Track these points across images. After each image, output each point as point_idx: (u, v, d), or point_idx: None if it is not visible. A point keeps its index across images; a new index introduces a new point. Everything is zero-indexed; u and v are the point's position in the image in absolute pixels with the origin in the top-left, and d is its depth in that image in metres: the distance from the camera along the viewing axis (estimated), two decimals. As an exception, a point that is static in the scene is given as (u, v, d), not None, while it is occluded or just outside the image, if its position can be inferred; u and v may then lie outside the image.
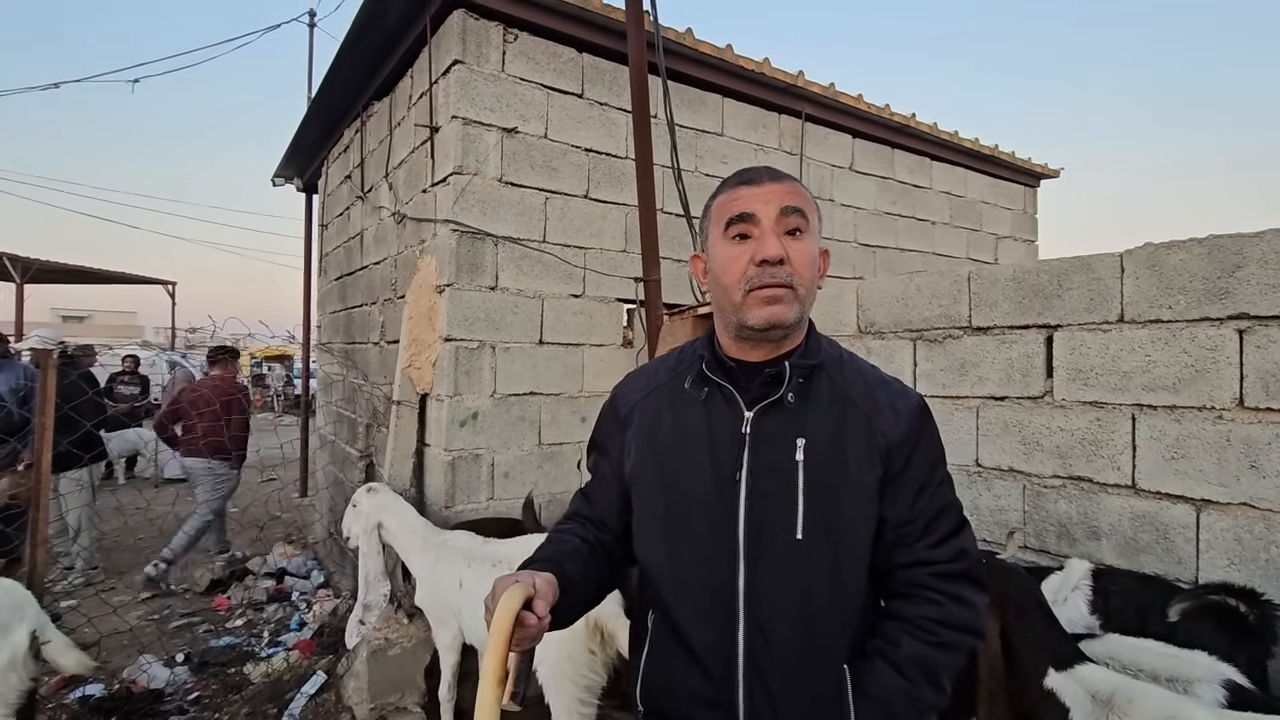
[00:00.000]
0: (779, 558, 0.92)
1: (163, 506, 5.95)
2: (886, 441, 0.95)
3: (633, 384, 1.10)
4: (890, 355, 2.71)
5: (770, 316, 0.92)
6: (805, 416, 0.96)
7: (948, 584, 0.95)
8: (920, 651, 0.92)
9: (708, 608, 0.94)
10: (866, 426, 0.96)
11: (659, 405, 1.03)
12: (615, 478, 1.06)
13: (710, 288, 1.01)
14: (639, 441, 1.02)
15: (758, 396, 0.96)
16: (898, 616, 0.96)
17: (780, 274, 0.91)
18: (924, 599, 0.95)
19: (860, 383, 1.00)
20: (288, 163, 6.12)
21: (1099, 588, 1.84)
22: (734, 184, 0.98)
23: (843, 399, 0.98)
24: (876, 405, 0.98)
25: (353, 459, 4.30)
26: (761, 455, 0.94)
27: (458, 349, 3.08)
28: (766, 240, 0.92)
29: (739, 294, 0.93)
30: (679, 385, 1.03)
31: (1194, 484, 1.90)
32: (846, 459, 0.94)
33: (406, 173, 3.68)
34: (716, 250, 0.97)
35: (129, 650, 3.46)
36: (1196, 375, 1.90)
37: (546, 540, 1.06)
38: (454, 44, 3.09)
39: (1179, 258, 1.94)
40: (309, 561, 4.96)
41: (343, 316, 5.12)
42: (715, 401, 0.98)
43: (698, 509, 0.95)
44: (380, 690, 2.75)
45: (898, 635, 0.94)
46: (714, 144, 3.96)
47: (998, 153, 5.54)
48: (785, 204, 0.93)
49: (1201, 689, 1.43)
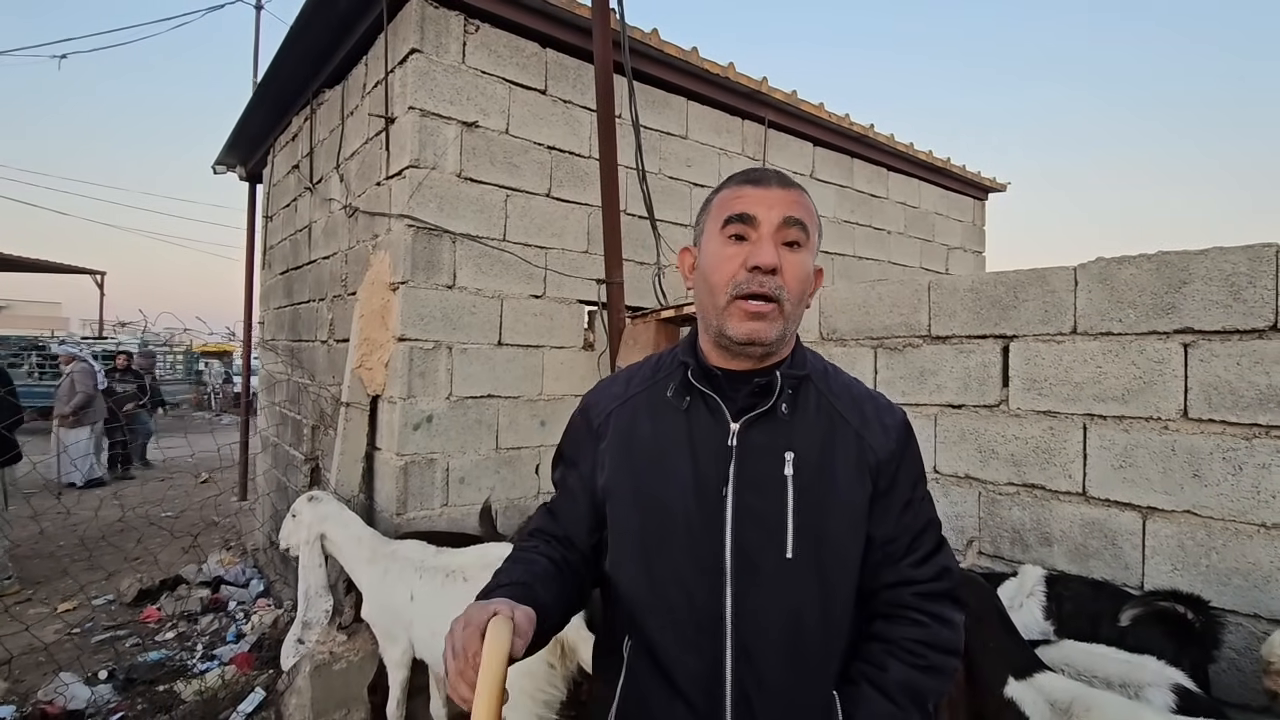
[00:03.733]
0: (768, 579, 0.87)
1: (85, 512, 5.59)
2: (876, 458, 0.93)
3: (606, 392, 1.03)
4: (852, 362, 2.73)
5: (751, 333, 0.88)
6: (793, 429, 0.91)
7: (931, 604, 0.93)
8: (908, 676, 0.89)
9: (692, 635, 0.87)
10: (856, 442, 0.93)
11: (636, 414, 0.97)
12: (586, 492, 0.99)
13: (695, 285, 0.96)
14: (614, 453, 0.95)
15: (744, 407, 0.91)
16: (883, 638, 0.92)
17: (770, 284, 0.87)
18: (909, 620, 0.93)
19: (847, 396, 0.97)
20: (230, 150, 5.83)
21: (1052, 594, 1.88)
22: (740, 181, 0.93)
23: (830, 412, 0.94)
24: (865, 420, 0.95)
25: (297, 462, 4.10)
26: (748, 469, 0.89)
27: (412, 349, 2.97)
28: (763, 246, 0.87)
29: (724, 297, 0.88)
30: (658, 393, 0.97)
31: (1141, 492, 1.96)
32: (835, 474, 0.91)
33: (359, 164, 3.53)
34: (710, 247, 0.92)
35: (45, 669, 3.21)
36: (1144, 387, 1.97)
37: (512, 560, 0.97)
38: (412, 32, 2.97)
39: (1129, 272, 2.01)
40: (248, 569, 4.72)
41: (288, 312, 4.89)
42: (698, 411, 0.93)
43: (679, 526, 0.89)
44: (324, 707, 2.62)
45: (884, 659, 0.90)
46: (678, 146, 3.94)
47: (950, 165, 5.70)
48: (789, 214, 0.89)
49: (1152, 693, 1.47)
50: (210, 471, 7.74)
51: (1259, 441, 1.76)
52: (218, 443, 5.83)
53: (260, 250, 6.04)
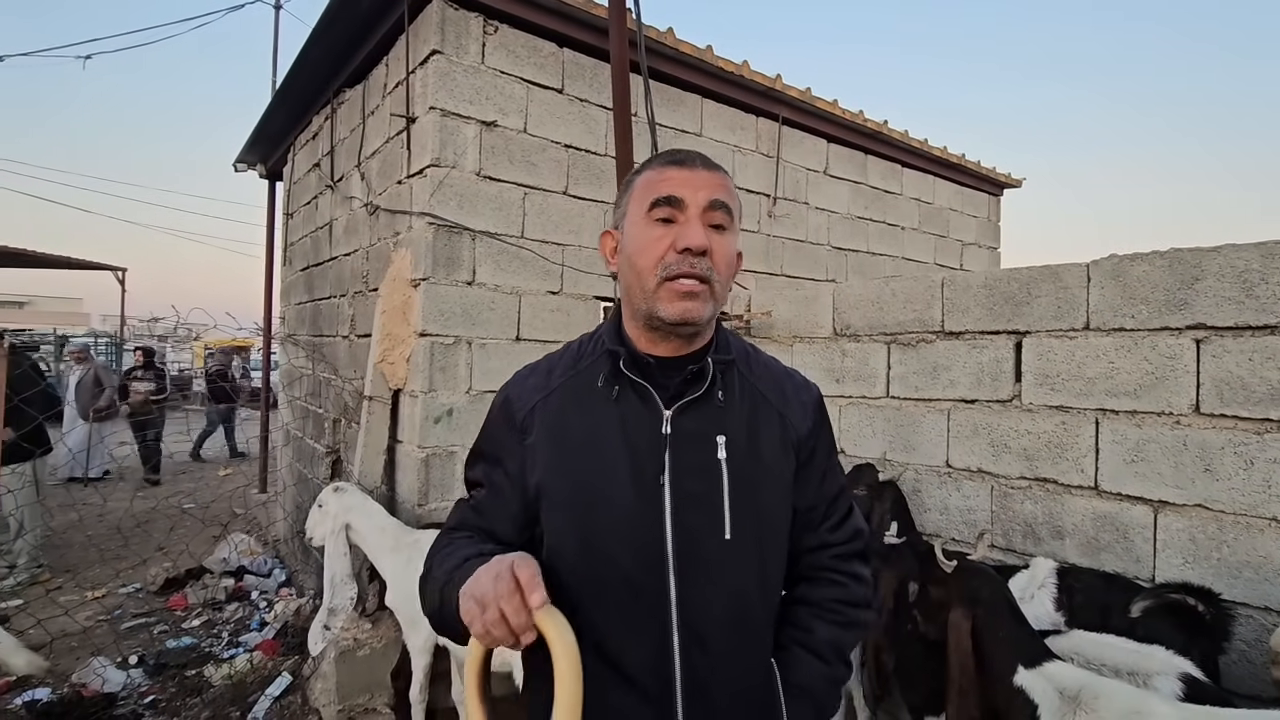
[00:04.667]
0: (709, 561, 0.88)
1: (118, 503, 5.73)
2: (798, 434, 0.97)
3: (526, 384, 0.98)
4: (865, 358, 2.76)
5: (684, 312, 0.86)
6: (723, 413, 0.92)
7: (847, 564, 1.01)
8: (833, 634, 0.96)
9: (638, 623, 0.86)
10: (779, 421, 0.96)
11: (563, 407, 0.93)
12: (516, 491, 0.93)
13: (620, 269, 0.94)
14: (545, 449, 0.91)
15: (676, 394, 0.91)
16: (806, 601, 0.99)
17: (701, 265, 0.86)
18: (828, 580, 1.00)
19: (768, 376, 1.00)
20: (251, 148, 5.92)
21: (1064, 585, 1.91)
22: (664, 162, 0.91)
23: (754, 394, 0.96)
24: (786, 399, 0.98)
25: (319, 455, 4.19)
26: (684, 456, 0.89)
27: (433, 344, 3.03)
28: (692, 228, 0.86)
29: (653, 280, 0.87)
30: (585, 383, 0.94)
31: (1152, 486, 1.99)
32: (763, 453, 0.93)
33: (380, 163, 3.60)
34: (635, 230, 0.90)
35: (79, 652, 3.32)
36: (1156, 382, 1.99)
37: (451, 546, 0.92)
38: (433, 33, 3.03)
39: (1142, 269, 2.03)
40: (270, 559, 4.83)
41: (309, 308, 4.98)
42: (629, 400, 0.91)
43: (620, 518, 0.87)
44: (349, 692, 2.70)
45: (810, 621, 0.97)
46: (692, 144, 3.97)
47: (964, 161, 5.69)
48: (715, 196, 0.88)
49: (1160, 682, 1.50)
50: (227, 464, 7.89)
51: (1270, 436, 1.78)
52: (248, 434, 5.93)
53: (281, 247, 6.14)
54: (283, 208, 6.04)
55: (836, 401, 2.87)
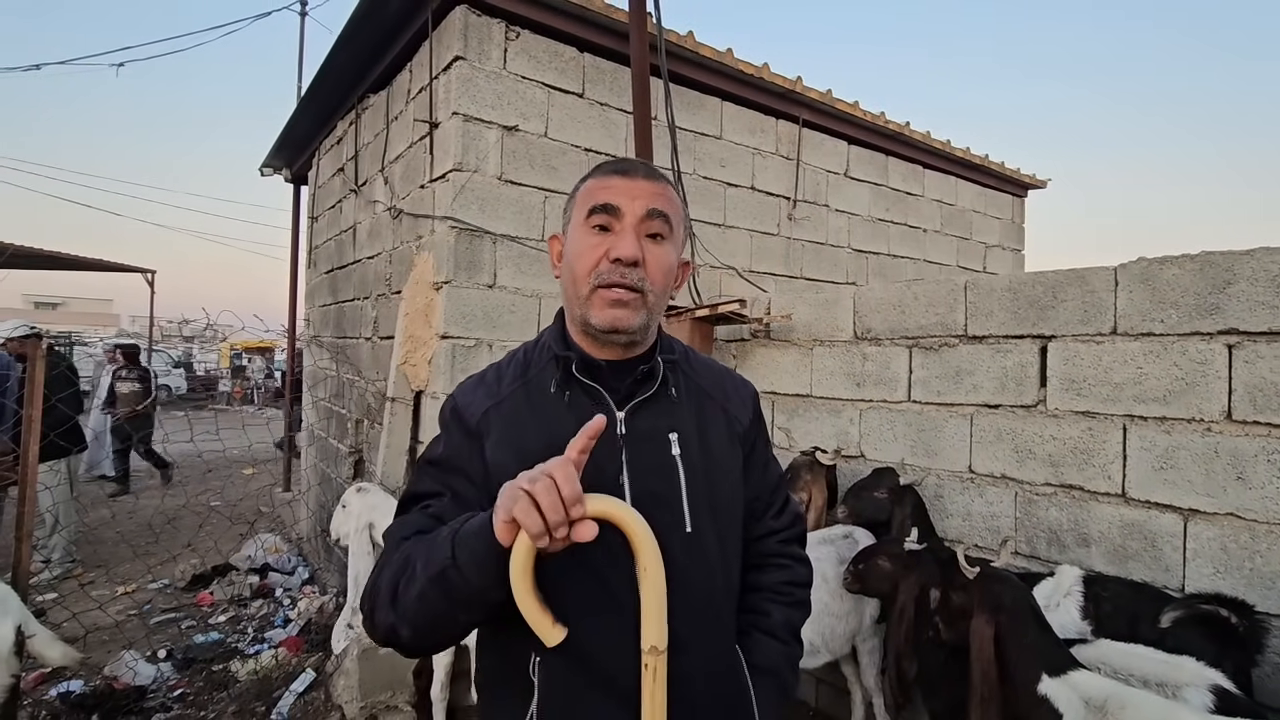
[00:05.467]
0: (674, 556, 0.86)
1: (149, 500, 5.86)
2: (742, 427, 1.02)
3: (474, 392, 0.97)
4: (886, 361, 2.74)
5: (614, 320, 0.88)
6: (673, 412, 0.96)
7: (790, 548, 1.08)
8: (786, 615, 1.03)
9: (612, 626, 0.85)
10: (724, 415, 1.01)
11: (516, 412, 0.93)
12: (482, 496, 0.89)
13: (561, 274, 0.96)
14: (503, 455, 0.89)
15: (627, 395, 0.93)
16: (758, 588, 1.04)
17: (632, 276, 0.87)
18: (775, 565, 1.06)
19: (709, 374, 1.05)
20: (277, 153, 6.04)
21: (1090, 594, 1.88)
22: (607, 172, 0.93)
23: (698, 391, 1.01)
24: (727, 395, 1.04)
25: (342, 455, 4.26)
26: (640, 455, 0.91)
27: (454, 347, 3.07)
28: (625, 238, 0.88)
29: (586, 287, 0.89)
30: (537, 389, 0.94)
31: (1182, 494, 1.95)
32: (713, 448, 0.97)
33: (403, 167, 3.65)
34: (574, 236, 0.92)
35: (110, 646, 3.40)
36: (1186, 388, 1.95)
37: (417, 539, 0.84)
38: (456, 40, 3.07)
39: (1172, 273, 1.99)
40: (294, 557, 4.91)
41: (333, 310, 5.06)
42: (581, 403, 0.92)
43: None
44: (371, 689, 2.73)
45: (765, 605, 1.02)
46: (712, 147, 3.98)
47: (988, 162, 5.62)
48: (652, 206, 0.90)
49: (1190, 693, 1.47)
50: (256, 464, 8.03)
51: (1306, 444, 1.74)
52: (269, 435, 6.04)
53: (305, 250, 6.25)
54: (307, 211, 6.15)
55: (856, 405, 2.85)
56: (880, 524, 2.40)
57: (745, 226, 4.15)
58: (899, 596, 1.98)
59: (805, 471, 2.56)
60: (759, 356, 3.29)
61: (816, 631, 2.26)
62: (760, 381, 3.25)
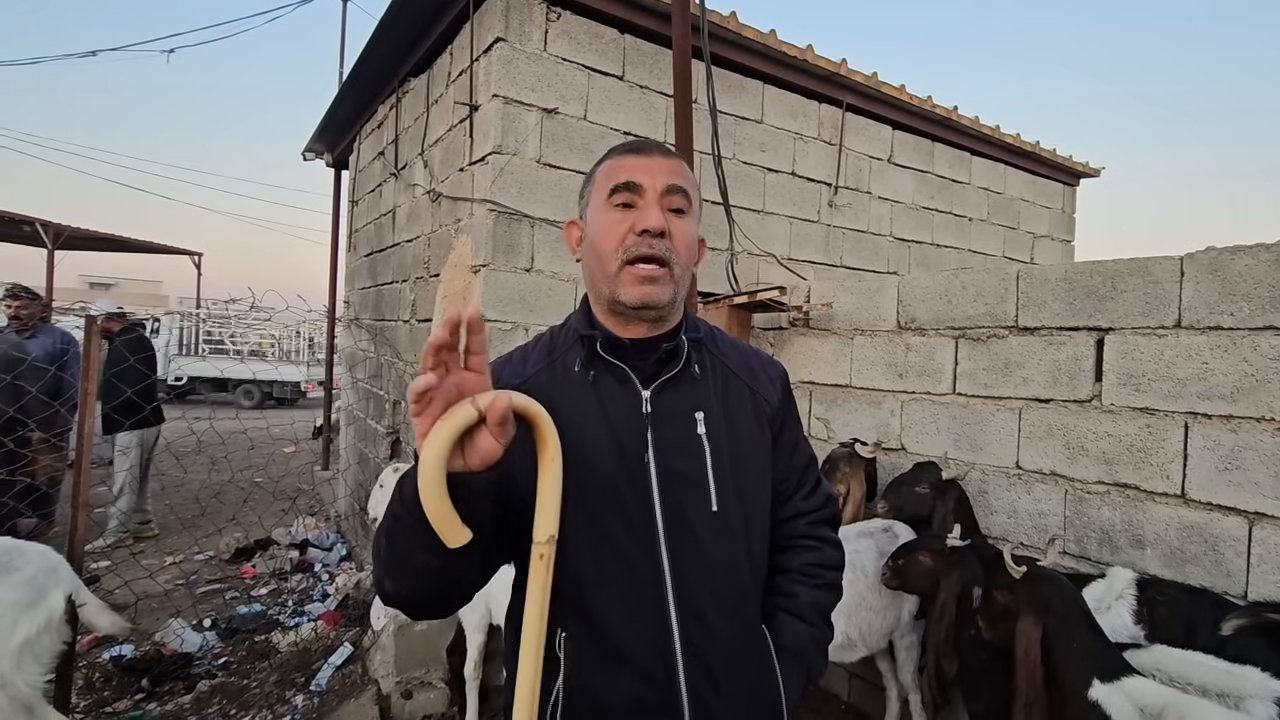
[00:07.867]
0: (700, 534, 0.89)
1: (196, 474, 6.07)
2: (770, 408, 1.01)
3: (501, 371, 0.97)
4: (930, 353, 2.66)
5: (644, 296, 0.89)
6: (699, 390, 0.95)
7: (820, 529, 1.07)
8: (814, 597, 1.02)
9: (635, 604, 0.87)
10: (750, 395, 1.00)
11: (540, 390, 0.90)
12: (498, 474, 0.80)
13: (585, 256, 0.96)
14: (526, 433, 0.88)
15: (652, 374, 0.93)
16: (786, 569, 1.03)
17: (660, 246, 0.89)
18: (804, 547, 1.05)
19: (735, 354, 1.04)
20: (319, 137, 6.13)
21: (1144, 598, 1.81)
22: (622, 152, 0.95)
23: (724, 371, 1.00)
24: (754, 374, 1.03)
25: (380, 435, 4.34)
26: (665, 433, 0.91)
27: (491, 330, 3.08)
28: (650, 210, 0.89)
29: (614, 264, 0.90)
30: (562, 369, 0.95)
31: (1248, 496, 1.85)
32: (739, 427, 0.97)
33: (443, 151, 3.67)
34: (596, 216, 0.93)
35: (159, 614, 3.53)
36: (1257, 385, 1.85)
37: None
38: (496, 21, 3.06)
39: (1244, 263, 1.88)
40: (332, 534, 5.03)
41: (372, 293, 5.14)
42: (606, 382, 0.93)
43: (609, 498, 0.88)
44: (406, 664, 2.79)
45: (793, 587, 1.02)
46: (753, 131, 3.90)
47: (1038, 149, 5.41)
48: (672, 181, 0.91)
49: (1254, 706, 1.40)
50: (298, 442, 8.25)
51: (1389, 448, 1.63)
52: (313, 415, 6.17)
53: (345, 233, 6.35)
54: (348, 195, 6.24)
55: (898, 397, 2.78)
56: (921, 520, 2.34)
57: (785, 213, 4.08)
58: (940, 594, 1.93)
59: (844, 463, 2.51)
60: (797, 345, 3.23)
61: (853, 625, 2.22)
62: (798, 371, 3.20)
